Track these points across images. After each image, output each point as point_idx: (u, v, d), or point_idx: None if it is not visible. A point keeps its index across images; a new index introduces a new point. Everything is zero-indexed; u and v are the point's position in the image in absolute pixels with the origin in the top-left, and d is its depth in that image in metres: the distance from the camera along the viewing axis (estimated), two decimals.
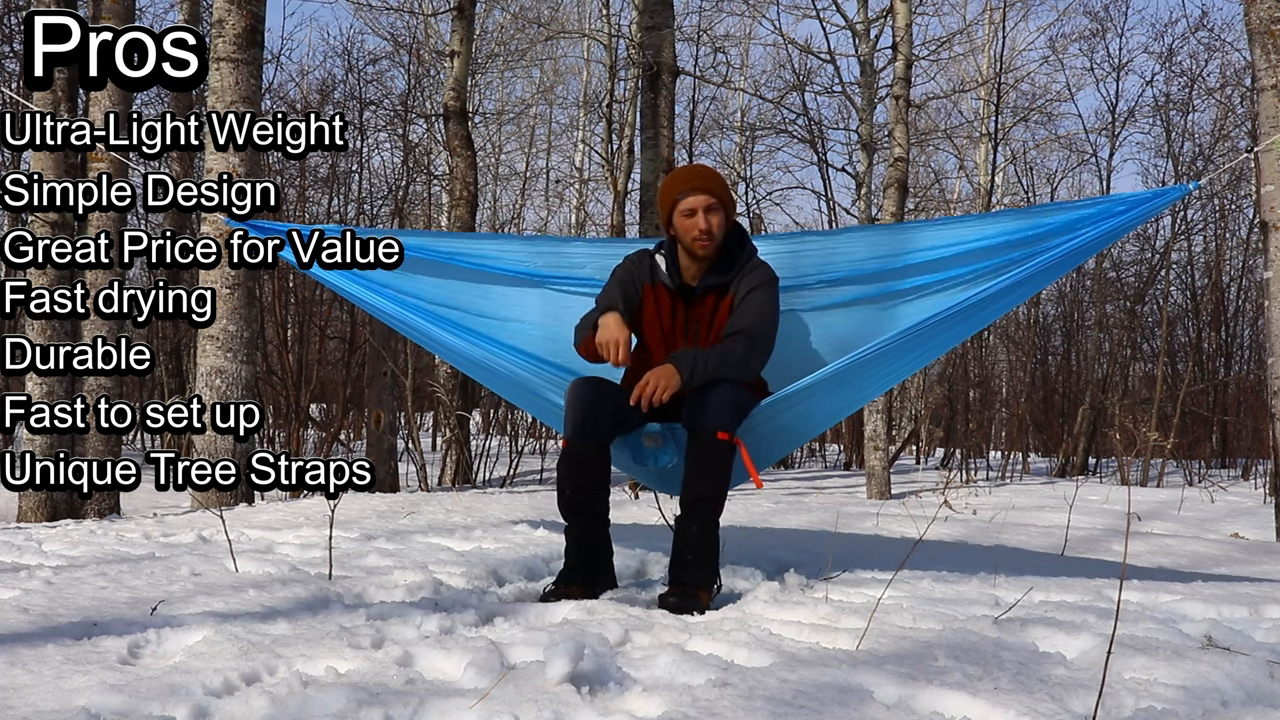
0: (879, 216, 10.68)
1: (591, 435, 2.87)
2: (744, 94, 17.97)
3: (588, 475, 2.90)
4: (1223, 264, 16.65)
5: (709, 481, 2.82)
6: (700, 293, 3.09)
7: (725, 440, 2.81)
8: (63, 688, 1.81)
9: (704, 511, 2.84)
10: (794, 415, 3.08)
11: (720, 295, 3.08)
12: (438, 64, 14.17)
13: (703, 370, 2.88)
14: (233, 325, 5.50)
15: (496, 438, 10.68)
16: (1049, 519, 6.21)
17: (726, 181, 3.16)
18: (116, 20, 5.91)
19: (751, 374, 3.00)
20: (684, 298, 3.10)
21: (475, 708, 1.72)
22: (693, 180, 3.05)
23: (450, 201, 9.39)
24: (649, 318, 3.12)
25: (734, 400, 2.86)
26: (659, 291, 3.11)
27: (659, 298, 3.11)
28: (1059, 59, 17.49)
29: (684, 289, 3.10)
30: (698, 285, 3.09)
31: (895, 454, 11.01)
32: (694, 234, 3.01)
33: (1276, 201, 4.31)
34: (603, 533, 2.96)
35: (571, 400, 2.90)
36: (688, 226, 3.02)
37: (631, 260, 3.17)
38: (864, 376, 3.08)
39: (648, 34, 8.50)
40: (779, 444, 3.32)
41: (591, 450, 2.89)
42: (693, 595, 2.71)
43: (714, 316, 3.07)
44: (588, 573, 2.89)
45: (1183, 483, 10.98)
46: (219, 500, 5.34)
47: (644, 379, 2.85)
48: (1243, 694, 1.88)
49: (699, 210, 3.00)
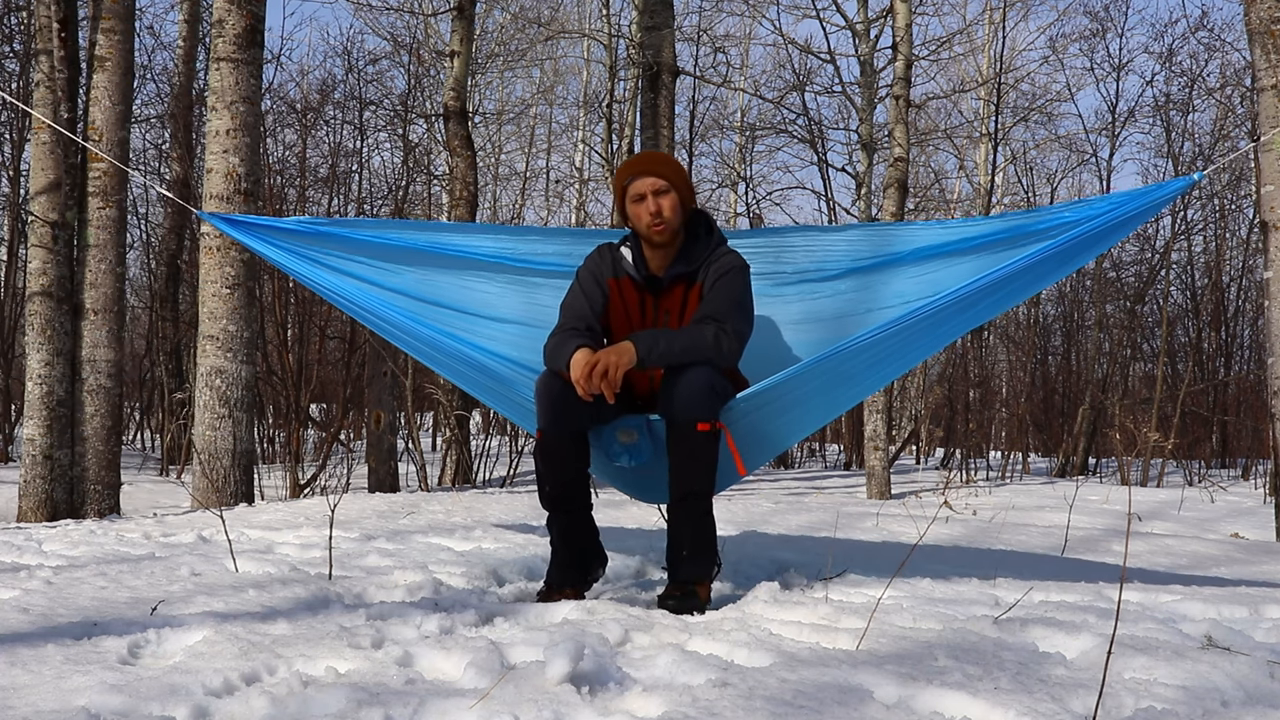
0: (879, 216, 10.69)
1: (565, 423, 2.77)
2: (744, 94, 17.98)
3: (565, 465, 2.81)
4: (1223, 264, 16.66)
5: (695, 474, 2.74)
6: (668, 283, 2.97)
7: (706, 430, 2.71)
8: (63, 688, 1.81)
9: (694, 505, 2.77)
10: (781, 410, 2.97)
11: (689, 284, 2.96)
12: (438, 64, 14.17)
13: (664, 351, 2.74)
14: (233, 325, 5.50)
15: (496, 438, 10.69)
16: (1049, 519, 6.21)
17: (680, 165, 3.05)
18: (117, 20, 5.92)
19: (725, 361, 2.84)
20: (651, 289, 2.98)
21: (475, 708, 1.72)
22: (639, 165, 2.95)
23: (450, 201, 9.39)
24: (616, 313, 3.00)
25: (710, 386, 2.73)
26: (624, 285, 2.99)
27: (624, 291, 2.99)
28: (1059, 59, 17.54)
29: (651, 280, 2.98)
30: (664, 275, 2.97)
31: (895, 454, 11.01)
32: (646, 219, 2.90)
33: (1276, 201, 4.31)
34: (588, 524, 2.89)
35: (542, 392, 2.79)
36: (639, 213, 2.92)
37: (593, 258, 3.05)
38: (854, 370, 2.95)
39: (648, 34, 8.51)
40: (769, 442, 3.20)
41: (566, 438, 2.79)
42: (691, 594, 2.68)
43: (684, 307, 2.95)
44: (579, 569, 2.86)
45: (1183, 483, 10.99)
46: (219, 500, 5.34)
47: (593, 357, 2.70)
48: (1243, 694, 1.88)
49: (648, 194, 2.89)
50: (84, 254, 5.84)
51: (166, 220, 12.17)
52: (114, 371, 5.87)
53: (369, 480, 7.23)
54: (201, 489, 5.42)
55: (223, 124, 5.53)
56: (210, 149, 5.58)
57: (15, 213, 11.83)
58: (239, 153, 5.53)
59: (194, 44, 11.57)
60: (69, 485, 5.74)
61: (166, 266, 11.64)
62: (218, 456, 5.43)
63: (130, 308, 13.90)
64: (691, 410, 2.70)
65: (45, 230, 5.76)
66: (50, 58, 5.88)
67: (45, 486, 5.64)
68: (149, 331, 12.75)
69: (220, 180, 5.51)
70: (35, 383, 5.69)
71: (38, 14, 6.03)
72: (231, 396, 5.48)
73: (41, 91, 5.87)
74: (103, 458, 5.80)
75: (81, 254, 5.85)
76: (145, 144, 13.96)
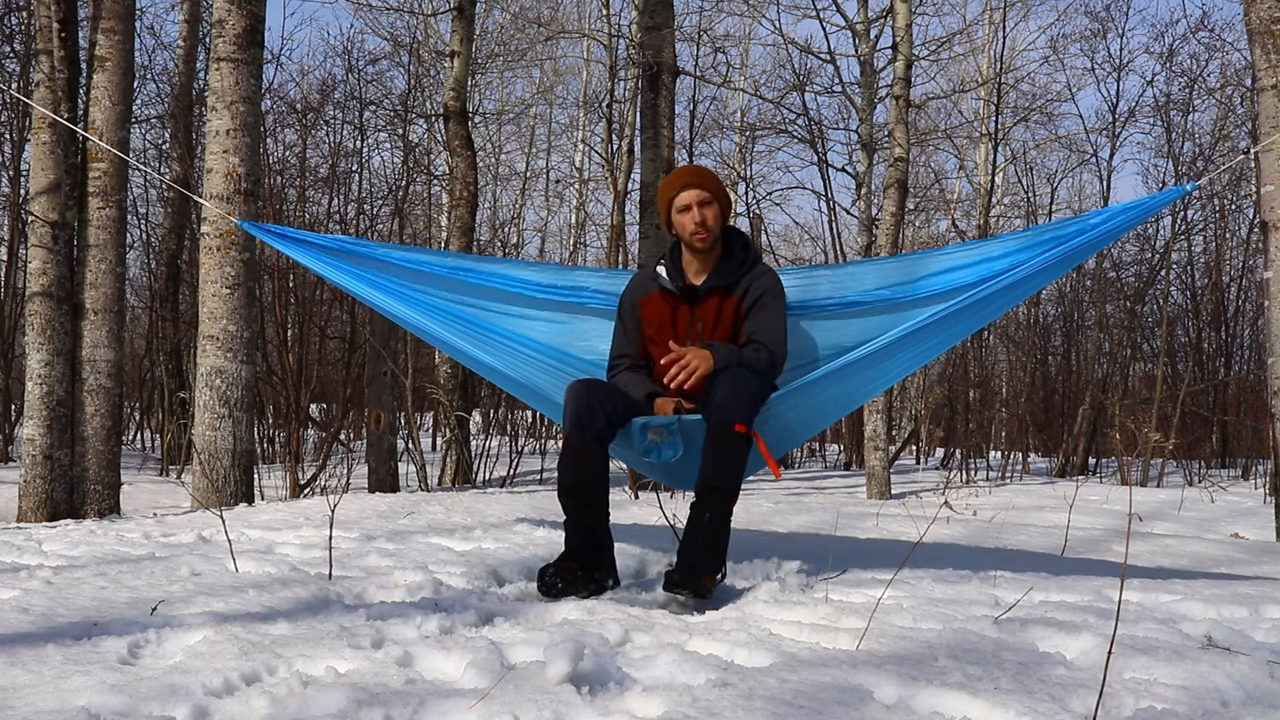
0: (879, 216, 10.69)
1: (589, 428, 2.95)
2: (744, 94, 17.98)
3: (585, 465, 2.97)
4: (1223, 264, 16.65)
5: (725, 472, 2.89)
6: (704, 293, 3.21)
7: (743, 433, 2.88)
8: (63, 688, 1.81)
9: (719, 501, 2.90)
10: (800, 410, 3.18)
11: (725, 296, 3.21)
12: (438, 64, 14.17)
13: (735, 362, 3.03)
14: (233, 325, 5.50)
15: (496, 438, 10.68)
16: (1049, 519, 6.21)
17: (720, 180, 3.30)
18: (117, 20, 5.92)
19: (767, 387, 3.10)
20: (687, 299, 3.22)
21: (475, 708, 1.72)
22: (686, 177, 3.23)
23: (450, 201, 9.39)
24: (649, 325, 3.25)
25: (755, 394, 2.95)
26: (653, 300, 3.26)
27: (655, 304, 3.25)
28: (1059, 59, 17.52)
29: (687, 290, 3.22)
30: (701, 285, 3.22)
31: (895, 454, 11.01)
32: (691, 228, 3.17)
33: (1276, 201, 4.31)
34: (602, 521, 3.01)
35: (570, 398, 3.00)
36: (684, 222, 3.19)
37: (629, 285, 3.36)
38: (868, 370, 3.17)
39: (648, 34, 8.50)
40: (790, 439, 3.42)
41: (590, 442, 2.96)
42: (698, 576, 2.75)
43: (719, 317, 3.19)
44: (589, 553, 2.94)
45: (1183, 483, 10.99)
46: (219, 500, 5.34)
47: (680, 352, 3.00)
48: (1243, 694, 1.88)
49: (693, 205, 3.17)
50: (84, 254, 5.84)
51: (166, 220, 12.17)
52: (114, 371, 5.87)
53: (369, 480, 7.23)
54: (201, 489, 5.42)
55: (223, 124, 5.53)
56: (210, 149, 5.58)
57: (15, 213, 11.83)
58: (239, 153, 5.53)
59: (194, 44, 11.56)
60: (69, 485, 5.73)
61: (166, 266, 11.64)
62: (218, 456, 5.43)
63: (130, 308, 13.90)
64: (733, 411, 2.88)
65: (45, 230, 5.76)
66: (50, 58, 5.87)
67: (45, 486, 5.64)
68: (149, 331, 12.74)
69: (220, 180, 5.51)
70: (35, 383, 5.69)
71: (38, 14, 6.03)
72: (231, 396, 5.47)
73: (41, 92, 5.87)
74: (103, 458, 5.80)
75: (81, 254, 5.85)
76: (145, 144, 13.97)
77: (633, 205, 15.23)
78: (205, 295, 5.54)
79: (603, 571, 2.97)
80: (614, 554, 3.06)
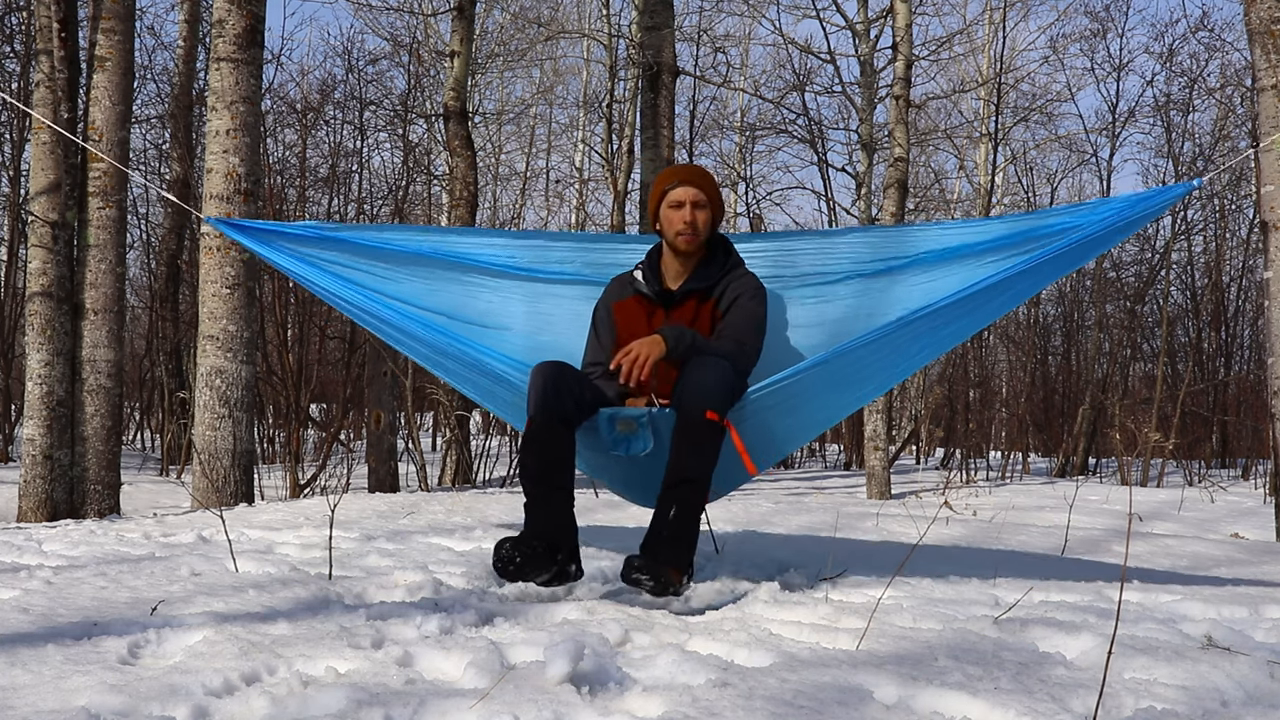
0: (879, 216, 10.68)
1: (554, 410, 2.76)
2: (744, 94, 17.98)
3: (549, 449, 2.77)
4: (1223, 264, 16.65)
5: (694, 462, 2.70)
6: (680, 297, 3.08)
7: (714, 421, 2.70)
8: (63, 688, 1.81)
9: (686, 493, 2.70)
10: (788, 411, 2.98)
11: (701, 300, 3.07)
12: (438, 64, 14.17)
13: (690, 345, 2.85)
14: (233, 325, 5.50)
15: (496, 438, 10.69)
16: (1049, 519, 6.20)
17: (718, 186, 3.18)
18: (117, 20, 5.92)
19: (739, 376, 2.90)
20: (663, 303, 3.09)
21: (475, 708, 1.72)
22: (684, 174, 3.10)
23: (450, 201, 9.39)
24: (623, 330, 3.10)
25: (726, 381, 2.76)
26: (629, 305, 3.12)
27: (633, 308, 3.11)
28: (1059, 59, 17.53)
29: (663, 294, 3.10)
30: (678, 289, 3.09)
31: (895, 454, 11.01)
32: (678, 226, 3.04)
33: (1276, 201, 4.31)
34: (567, 505, 2.78)
35: (535, 380, 2.81)
36: (672, 218, 3.06)
37: (606, 290, 3.22)
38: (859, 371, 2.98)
39: (648, 34, 8.50)
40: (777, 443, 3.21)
41: (555, 425, 2.77)
42: (660, 568, 2.57)
43: (695, 321, 3.05)
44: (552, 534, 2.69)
45: (1183, 483, 10.98)
46: (219, 500, 5.34)
47: (627, 347, 2.82)
48: (1243, 694, 1.88)
49: (686, 203, 3.04)
50: (84, 254, 5.84)
51: (166, 220, 12.17)
52: (114, 371, 5.87)
53: (369, 480, 7.23)
54: (201, 489, 5.42)
55: (223, 124, 5.53)
56: (210, 149, 5.58)
57: (15, 213, 11.83)
58: (239, 153, 5.53)
59: (194, 44, 11.57)
60: (69, 485, 5.74)
61: (166, 266, 11.64)
62: (218, 456, 5.43)
63: (130, 308, 13.90)
64: (704, 398, 2.71)
65: (45, 230, 5.76)
66: (50, 58, 5.88)
67: (45, 486, 5.65)
68: (149, 331, 12.75)
69: (220, 180, 5.51)
70: (35, 383, 5.69)
71: (38, 14, 6.03)
72: (231, 396, 5.48)
73: (41, 92, 5.88)
74: (103, 458, 5.80)
75: (81, 254, 5.85)
76: (145, 144, 13.98)
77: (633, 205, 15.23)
78: (205, 295, 5.54)
79: (566, 555, 2.70)
80: (578, 541, 2.78)
